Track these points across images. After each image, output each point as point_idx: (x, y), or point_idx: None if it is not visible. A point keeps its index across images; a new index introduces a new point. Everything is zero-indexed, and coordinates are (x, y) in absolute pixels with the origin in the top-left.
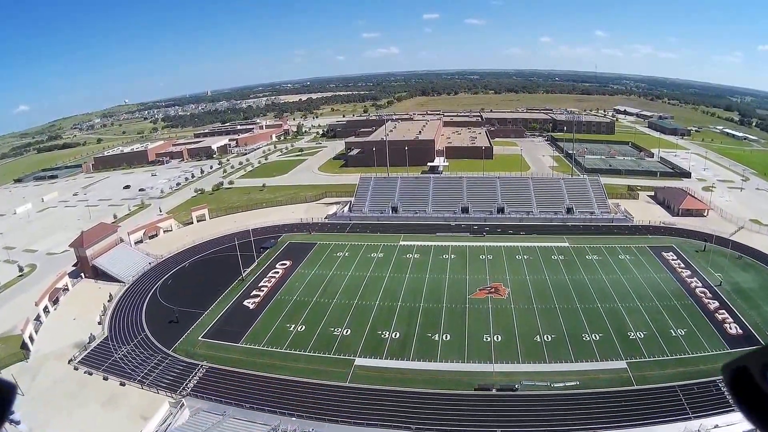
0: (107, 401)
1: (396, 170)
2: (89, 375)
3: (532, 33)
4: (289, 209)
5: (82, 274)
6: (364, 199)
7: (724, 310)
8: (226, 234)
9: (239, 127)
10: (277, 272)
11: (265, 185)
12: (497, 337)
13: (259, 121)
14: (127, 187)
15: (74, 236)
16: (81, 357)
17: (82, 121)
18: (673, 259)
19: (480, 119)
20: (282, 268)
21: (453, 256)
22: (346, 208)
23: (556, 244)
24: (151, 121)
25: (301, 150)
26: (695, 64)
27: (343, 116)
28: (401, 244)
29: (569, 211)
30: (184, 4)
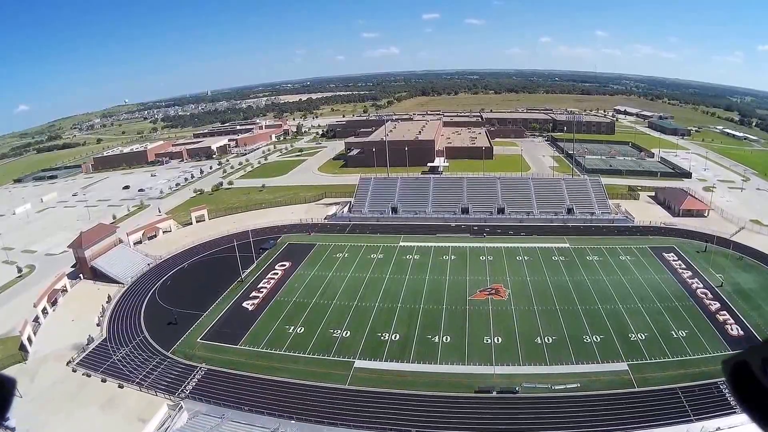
0: (106, 403)
1: (396, 171)
2: (88, 377)
3: (532, 33)
4: (289, 210)
5: (81, 275)
6: (364, 200)
7: (725, 311)
8: (226, 235)
9: (239, 128)
10: (277, 273)
11: (264, 186)
12: (498, 339)
13: (258, 121)
14: (127, 187)
15: (73, 237)
16: (79, 359)
17: (81, 121)
18: (674, 260)
19: (480, 119)
20: (281, 269)
21: (453, 257)
22: (346, 209)
23: (557, 245)
24: (151, 121)
25: (301, 150)
26: (695, 64)
27: (343, 116)
28: (401, 245)
29: (570, 211)
30: (184, 4)
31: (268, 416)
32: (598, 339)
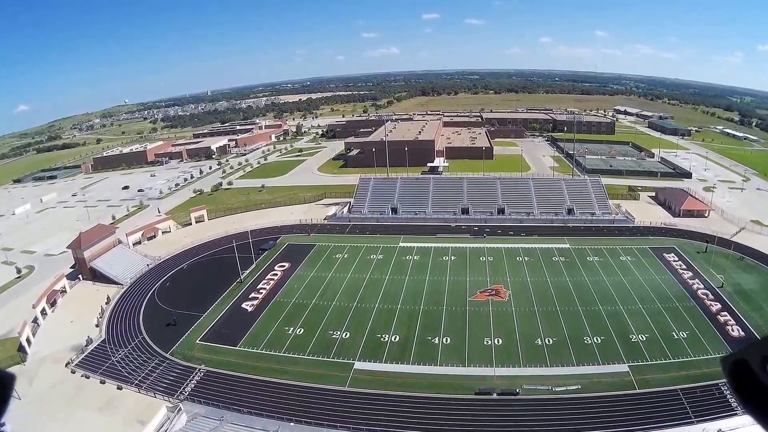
0: (104, 405)
1: (396, 171)
2: (86, 378)
3: (532, 33)
4: (288, 210)
5: (80, 276)
6: (364, 200)
7: (726, 312)
8: (225, 235)
9: (239, 128)
10: (276, 274)
11: (264, 186)
12: (498, 340)
13: (258, 121)
14: (126, 187)
15: (73, 237)
16: (78, 360)
17: (81, 121)
18: (675, 261)
19: (480, 119)
20: (281, 270)
21: (453, 258)
22: (346, 209)
23: (557, 246)
24: (151, 122)
25: (301, 150)
26: (695, 64)
27: (343, 116)
28: (401, 245)
29: (570, 212)
30: (184, 4)
31: (267, 418)
32: (599, 340)
